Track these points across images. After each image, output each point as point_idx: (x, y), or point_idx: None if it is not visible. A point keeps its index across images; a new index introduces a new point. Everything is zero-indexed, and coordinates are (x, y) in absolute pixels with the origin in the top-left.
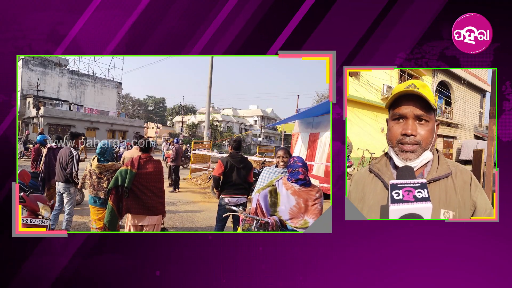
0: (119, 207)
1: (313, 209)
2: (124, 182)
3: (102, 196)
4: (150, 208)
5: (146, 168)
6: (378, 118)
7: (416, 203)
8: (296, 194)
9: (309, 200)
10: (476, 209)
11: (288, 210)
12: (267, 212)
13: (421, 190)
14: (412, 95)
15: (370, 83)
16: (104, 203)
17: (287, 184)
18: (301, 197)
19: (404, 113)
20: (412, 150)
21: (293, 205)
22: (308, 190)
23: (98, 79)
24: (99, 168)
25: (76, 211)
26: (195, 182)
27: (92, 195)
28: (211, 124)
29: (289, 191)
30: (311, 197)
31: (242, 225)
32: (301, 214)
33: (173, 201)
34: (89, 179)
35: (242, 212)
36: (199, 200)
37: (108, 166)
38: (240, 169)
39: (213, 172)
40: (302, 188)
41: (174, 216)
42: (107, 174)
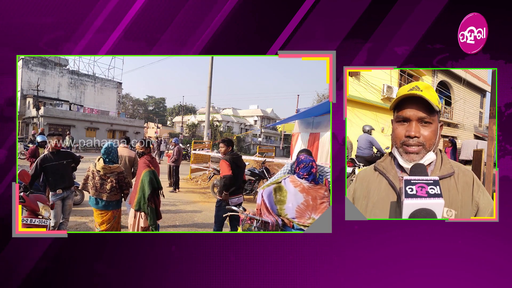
0: (158, 209)
1: (322, 208)
2: (158, 183)
3: (104, 198)
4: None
5: (156, 167)
6: (378, 118)
7: (429, 198)
8: (305, 191)
9: (317, 198)
10: (479, 209)
11: (296, 207)
12: (273, 209)
13: (433, 187)
14: (415, 97)
15: (370, 83)
16: (107, 205)
17: (295, 181)
18: (309, 195)
19: (408, 116)
20: (416, 152)
21: (301, 203)
22: (317, 188)
23: (98, 79)
24: (104, 170)
25: (76, 211)
26: (195, 182)
27: (94, 197)
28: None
29: (297, 189)
30: (319, 195)
31: (242, 225)
32: (308, 212)
33: (173, 201)
34: (91, 180)
35: (242, 212)
36: (199, 200)
37: (113, 168)
38: (240, 168)
39: (223, 172)
40: (311, 185)
41: (174, 216)
42: (111, 176)
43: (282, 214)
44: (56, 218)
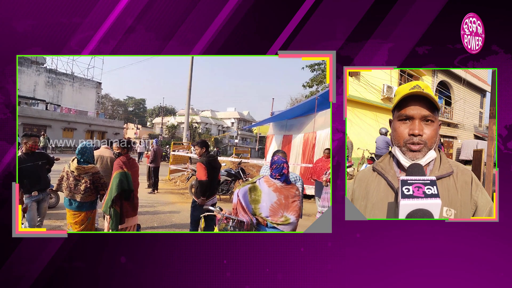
0: (122, 213)
1: (293, 206)
2: (128, 185)
3: (78, 199)
4: (136, 208)
5: (133, 168)
6: (378, 118)
7: (425, 199)
8: (278, 190)
9: (289, 197)
10: (477, 208)
11: (269, 206)
12: (248, 209)
13: (430, 187)
14: (417, 96)
15: (370, 83)
16: (80, 206)
17: (269, 181)
18: (282, 194)
19: (411, 114)
20: (419, 150)
21: (274, 201)
22: (289, 188)
23: (76, 78)
24: (78, 170)
25: (51, 214)
26: (174, 183)
27: (68, 197)
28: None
29: (271, 188)
30: (291, 194)
31: (218, 224)
32: (281, 210)
33: (152, 203)
34: (66, 181)
35: (218, 212)
36: (177, 201)
37: (88, 169)
38: (216, 169)
39: (199, 177)
40: (283, 185)
41: (152, 218)
42: (85, 176)
43: (257, 213)
44: (32, 222)
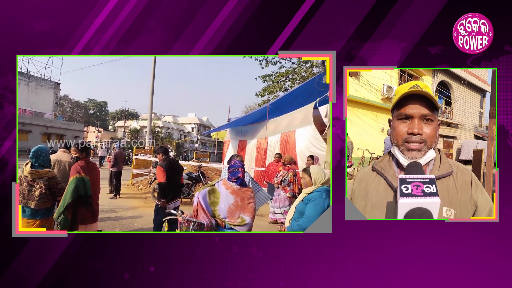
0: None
1: (249, 208)
2: (86, 191)
3: (32, 206)
4: (96, 214)
5: (93, 172)
6: (378, 118)
7: (424, 197)
8: (235, 193)
9: (245, 199)
10: (477, 208)
11: (227, 208)
12: (208, 210)
13: (429, 186)
14: (417, 95)
15: (370, 83)
16: (34, 214)
17: (227, 184)
18: (238, 196)
19: (411, 113)
20: (418, 149)
21: (231, 203)
22: (245, 190)
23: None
24: (32, 175)
25: None
26: (136, 188)
27: (21, 204)
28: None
29: (228, 191)
30: (246, 196)
31: (180, 227)
32: (238, 211)
33: (113, 208)
34: (19, 187)
35: (180, 215)
36: (140, 205)
37: (42, 173)
38: (178, 173)
39: (158, 179)
40: (240, 187)
41: (114, 223)
42: (40, 181)
43: (216, 215)
44: None
